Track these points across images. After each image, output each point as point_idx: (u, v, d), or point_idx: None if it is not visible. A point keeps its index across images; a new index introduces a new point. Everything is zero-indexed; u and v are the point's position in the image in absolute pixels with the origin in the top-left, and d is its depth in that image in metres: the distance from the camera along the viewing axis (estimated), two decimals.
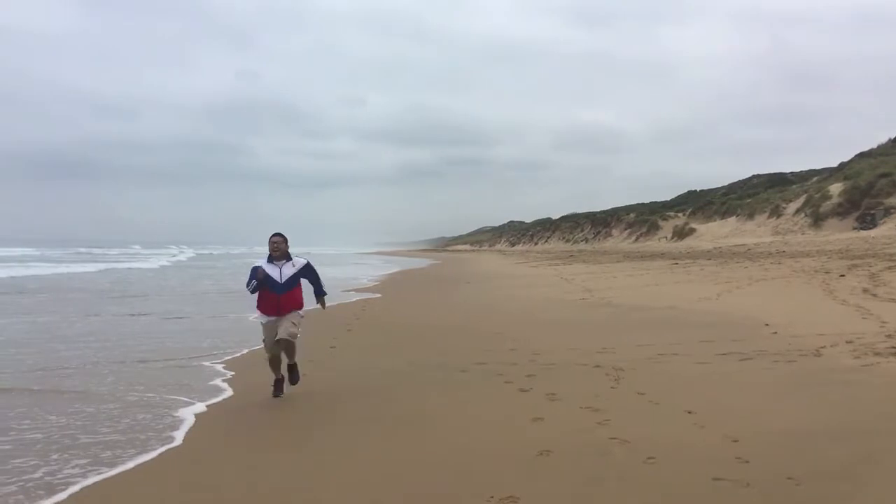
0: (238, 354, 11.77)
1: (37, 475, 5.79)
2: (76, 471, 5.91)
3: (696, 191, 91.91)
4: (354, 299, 23.69)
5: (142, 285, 30.41)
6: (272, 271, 8.50)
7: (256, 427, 7.30)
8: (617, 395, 7.95)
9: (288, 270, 8.57)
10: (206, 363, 10.95)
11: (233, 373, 10.21)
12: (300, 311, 8.69)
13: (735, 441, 6.09)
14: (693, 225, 64.72)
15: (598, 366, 9.72)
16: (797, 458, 5.62)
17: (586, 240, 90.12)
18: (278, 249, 8.58)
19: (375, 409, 7.75)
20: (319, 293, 8.94)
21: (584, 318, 15.93)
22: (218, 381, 9.54)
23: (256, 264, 8.53)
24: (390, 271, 47.79)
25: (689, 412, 7.08)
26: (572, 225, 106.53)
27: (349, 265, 62.37)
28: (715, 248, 45.46)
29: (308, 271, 8.78)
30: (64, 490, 5.49)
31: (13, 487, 5.50)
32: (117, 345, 12.70)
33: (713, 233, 58.15)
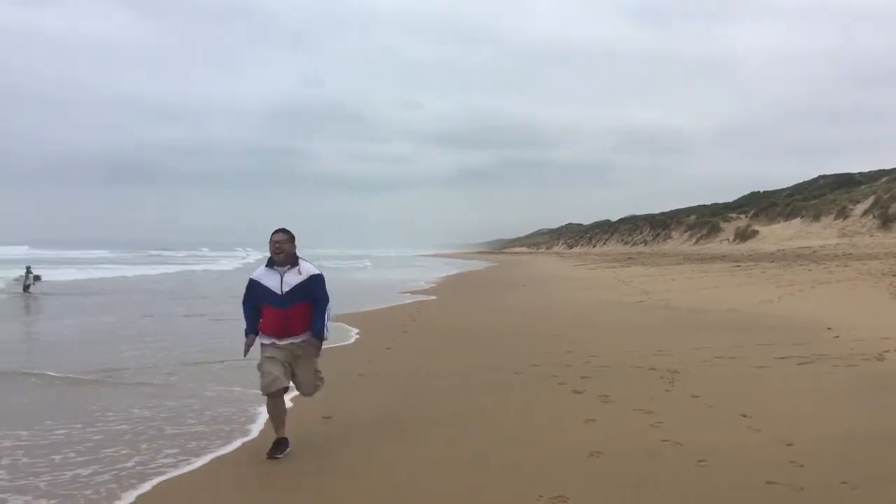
0: None
1: (129, 464, 6.05)
2: (168, 460, 6.17)
3: (759, 192, 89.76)
4: (410, 301, 23.91)
5: (214, 286, 31.21)
6: (269, 280, 6.31)
7: (321, 423, 7.47)
8: (671, 398, 7.92)
9: (292, 279, 6.29)
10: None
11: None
12: (314, 340, 6.38)
13: (790, 445, 6.03)
14: (756, 227, 63.34)
15: (652, 368, 9.67)
16: (853, 463, 5.55)
17: (645, 242, 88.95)
18: (280, 251, 6.32)
19: (429, 410, 7.87)
20: (316, 330, 6.31)
21: (641, 321, 15.81)
22: None
23: (252, 276, 6.48)
24: (447, 273, 48.00)
25: (744, 416, 7.01)
26: (631, 227, 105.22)
27: (407, 267, 62.84)
28: (778, 251, 44.45)
29: (315, 287, 6.36)
30: (157, 478, 5.72)
31: (107, 476, 5.75)
32: (176, 345, 13.10)
33: (776, 235, 56.84)
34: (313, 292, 6.34)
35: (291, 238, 6.42)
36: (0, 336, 15.28)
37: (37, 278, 26.65)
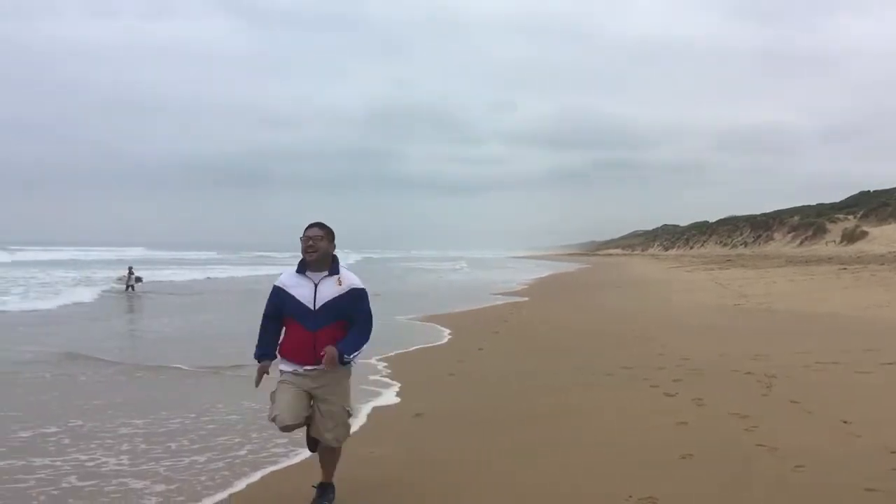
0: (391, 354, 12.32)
1: (241, 452, 6.41)
2: (279, 450, 6.49)
3: (868, 191, 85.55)
4: (502, 302, 24.03)
5: None
6: (300, 289, 4.93)
7: (412, 419, 7.71)
8: (768, 403, 7.78)
9: (329, 290, 4.91)
10: (369, 361, 11.52)
11: (388, 367, 10.74)
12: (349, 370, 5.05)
13: (893, 452, 5.86)
14: (865, 228, 60.47)
15: (749, 372, 9.49)
16: None
17: (745, 244, 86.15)
18: (315, 249, 4.92)
19: (520, 409, 7.98)
20: (343, 346, 4.84)
21: (739, 324, 15.46)
22: (378, 377, 10.07)
23: (277, 282, 5.09)
24: (540, 275, 47.85)
25: (845, 422, 6.84)
26: (730, 228, 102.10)
27: (499, 269, 62.93)
28: (890, 253, 42.34)
29: (356, 303, 4.96)
30: (268, 467, 6.03)
31: (220, 464, 6.12)
32: None
33: (888, 236, 54.10)
34: (353, 310, 4.94)
35: (330, 235, 5.01)
36: (113, 332, 16.27)
37: (138, 279, 28.22)
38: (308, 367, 4.90)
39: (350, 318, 4.96)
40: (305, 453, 6.41)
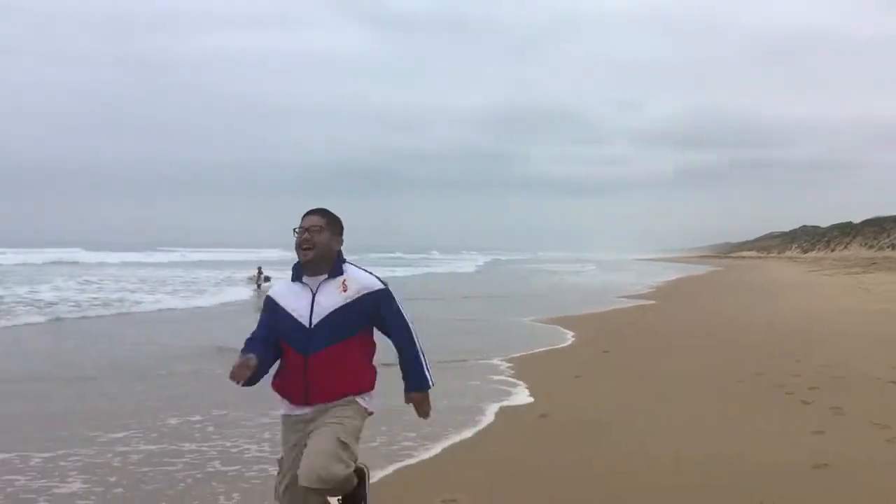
0: (517, 355, 12.42)
1: (374, 444, 6.66)
2: (409, 444, 6.73)
3: None
4: (629, 305, 23.64)
5: (465, 287, 32.75)
6: (293, 299, 3.77)
7: (537, 420, 7.78)
8: None
9: (330, 297, 3.70)
10: (493, 361, 11.70)
11: (511, 367, 10.85)
12: (362, 403, 3.85)
13: None
14: None
15: (893, 381, 8.99)
16: None
17: (893, 246, 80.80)
18: (312, 245, 3.71)
19: (647, 413, 7.90)
20: (415, 383, 3.95)
21: (884, 331, 14.59)
22: (503, 377, 10.21)
23: (271, 291, 3.98)
24: (668, 278, 46.63)
25: None
26: (876, 230, 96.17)
27: (626, 271, 61.76)
28: None
29: (379, 309, 3.79)
30: (402, 461, 6.25)
31: None
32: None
33: None
34: (380, 320, 3.76)
35: (335, 225, 3.73)
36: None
37: (266, 278, 29.58)
38: (299, 412, 3.70)
39: (366, 332, 3.78)
40: (437, 448, 6.65)
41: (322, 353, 3.63)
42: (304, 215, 3.78)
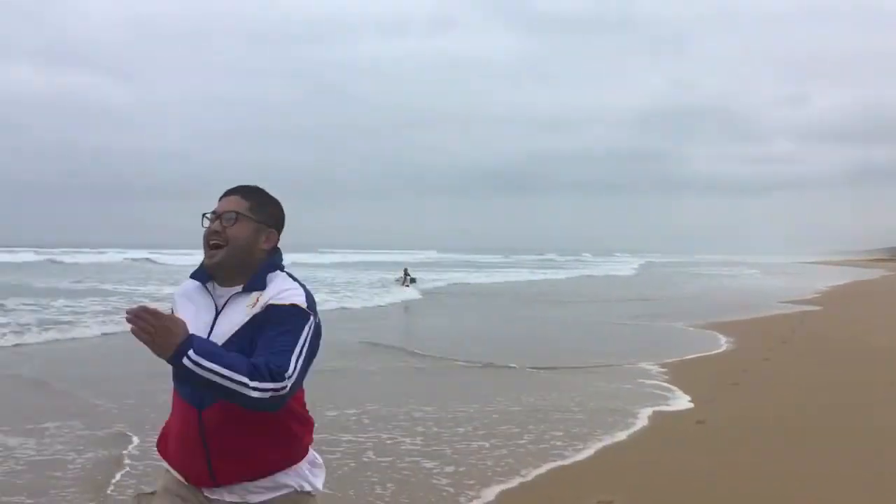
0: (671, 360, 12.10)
1: (522, 441, 6.78)
2: (559, 443, 6.76)
3: None
4: (792, 311, 22.39)
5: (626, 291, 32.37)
6: (191, 312, 2.39)
7: (694, 426, 7.57)
8: None
9: (236, 317, 2.33)
10: (644, 366, 11.47)
11: (666, 373, 10.59)
12: (298, 484, 2.37)
13: None
14: None
15: None
16: None
17: None
18: (223, 241, 2.36)
19: (812, 423, 7.54)
20: (203, 344, 2.11)
21: None
22: (657, 381, 10.00)
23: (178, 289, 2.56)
24: (836, 282, 43.70)
25: None
26: None
27: (789, 274, 58.41)
28: None
29: (273, 323, 2.26)
30: (557, 461, 6.25)
31: (504, 451, 6.51)
32: (574, 345, 13.96)
33: None
34: (264, 338, 2.26)
35: (261, 209, 2.46)
36: (410, 326, 17.66)
37: (413, 280, 30.40)
38: (200, 490, 2.37)
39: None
40: (590, 449, 6.58)
41: (219, 406, 2.25)
42: (222, 196, 2.47)
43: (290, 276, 2.44)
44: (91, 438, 6.73)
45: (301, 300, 2.32)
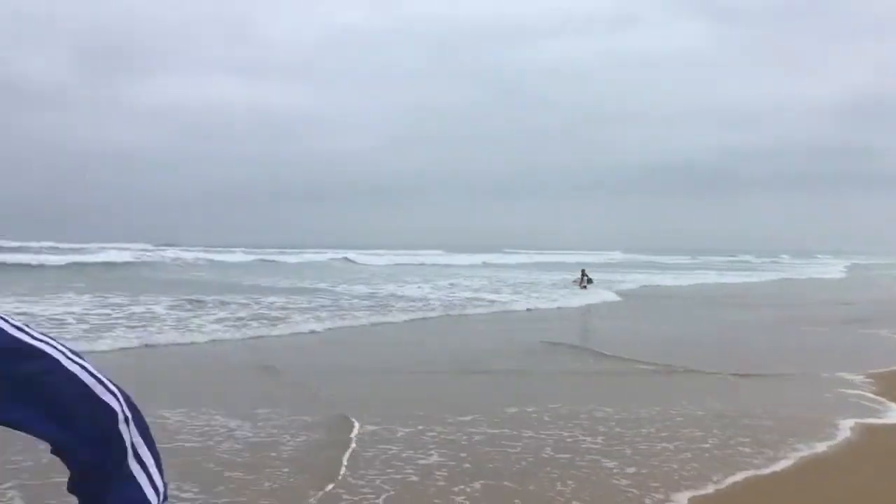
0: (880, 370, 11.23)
1: (706, 445, 6.64)
2: (747, 450, 6.54)
3: None
4: None
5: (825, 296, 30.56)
6: None
7: None
8: None
9: None
10: (845, 375, 10.74)
11: (873, 384, 9.86)
12: None
13: None
14: None
15: None
16: None
17: None
18: None
19: None
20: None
21: None
22: (862, 391, 9.37)
23: None
24: None
25: None
26: None
27: None
28: None
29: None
30: (749, 470, 6.04)
31: (688, 455, 6.38)
32: (750, 351, 13.37)
33: None
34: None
35: None
36: (595, 327, 17.54)
37: (590, 280, 30.02)
38: None
39: None
40: (786, 461, 6.21)
41: None
42: None
43: None
44: (312, 424, 7.30)
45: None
